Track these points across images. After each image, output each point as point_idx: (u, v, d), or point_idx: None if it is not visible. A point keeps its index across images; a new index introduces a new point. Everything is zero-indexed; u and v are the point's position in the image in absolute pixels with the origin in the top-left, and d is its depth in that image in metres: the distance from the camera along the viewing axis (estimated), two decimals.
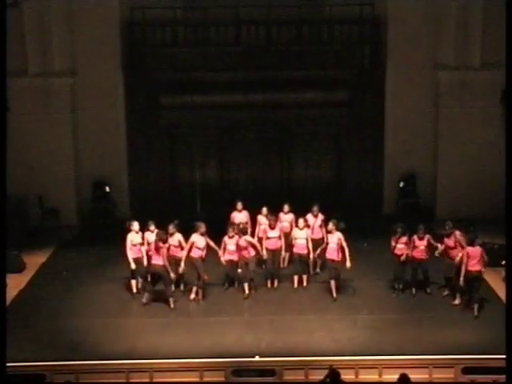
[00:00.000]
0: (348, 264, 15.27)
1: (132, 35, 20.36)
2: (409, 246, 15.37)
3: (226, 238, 15.62)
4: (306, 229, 15.73)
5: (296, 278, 15.96)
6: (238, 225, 15.91)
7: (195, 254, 15.36)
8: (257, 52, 19.96)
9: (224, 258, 15.62)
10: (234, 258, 15.64)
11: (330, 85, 20.42)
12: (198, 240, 15.38)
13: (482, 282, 14.93)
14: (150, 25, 20.18)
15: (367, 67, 20.40)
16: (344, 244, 15.32)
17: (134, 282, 15.64)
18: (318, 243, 15.83)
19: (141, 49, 20.25)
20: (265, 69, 20.04)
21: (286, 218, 16.53)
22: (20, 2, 19.48)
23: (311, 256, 15.73)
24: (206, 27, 20.09)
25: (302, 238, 15.68)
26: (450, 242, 15.32)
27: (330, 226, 15.44)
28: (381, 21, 20.42)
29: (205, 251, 15.47)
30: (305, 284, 15.93)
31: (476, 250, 14.52)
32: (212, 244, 15.61)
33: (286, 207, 16.59)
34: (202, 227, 15.43)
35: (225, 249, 15.60)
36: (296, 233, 15.78)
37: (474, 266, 14.43)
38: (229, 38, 20.18)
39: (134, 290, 15.64)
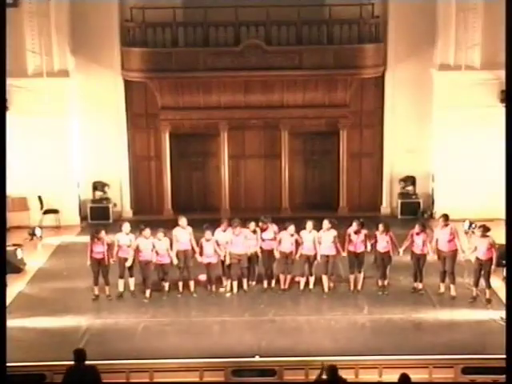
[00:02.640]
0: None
1: (132, 35, 20.37)
2: (393, 243, 15.53)
3: (203, 240, 15.53)
4: (313, 231, 15.56)
5: (303, 280, 15.82)
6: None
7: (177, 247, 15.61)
8: (257, 52, 19.95)
9: (203, 260, 15.61)
10: (213, 260, 15.58)
11: (330, 85, 20.45)
12: (179, 234, 15.58)
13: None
14: (150, 25, 20.18)
15: (367, 67, 20.38)
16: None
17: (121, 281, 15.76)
18: (359, 257, 15.64)
19: (141, 49, 20.24)
20: (265, 69, 20.04)
21: (309, 236, 15.61)
22: (20, 2, 19.55)
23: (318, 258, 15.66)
24: (206, 27, 20.10)
25: (309, 241, 15.55)
26: (444, 234, 15.37)
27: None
28: (381, 21, 20.44)
29: (188, 246, 15.64)
30: (311, 286, 15.79)
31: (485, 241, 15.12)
32: (193, 241, 15.70)
33: (292, 228, 15.65)
34: (182, 220, 15.62)
35: (202, 251, 15.57)
36: (303, 235, 15.59)
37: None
38: (229, 38, 20.19)
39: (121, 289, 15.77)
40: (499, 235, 15.52)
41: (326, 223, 15.62)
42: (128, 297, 15.65)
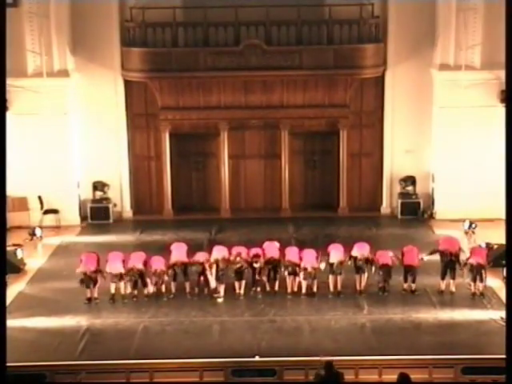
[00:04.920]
0: None
1: (132, 35, 20.37)
2: None
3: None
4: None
5: (305, 283, 15.70)
6: None
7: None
8: (257, 52, 19.94)
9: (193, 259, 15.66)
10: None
11: (330, 85, 20.45)
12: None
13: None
14: (150, 25, 20.19)
15: (367, 67, 20.38)
16: None
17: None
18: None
19: (141, 49, 20.24)
20: (265, 69, 20.03)
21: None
22: (20, 2, 19.56)
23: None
24: (206, 27, 20.10)
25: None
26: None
27: None
28: (381, 21, 20.46)
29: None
30: (315, 289, 15.67)
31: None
32: None
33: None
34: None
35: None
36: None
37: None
38: (229, 38, 20.19)
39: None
40: (499, 235, 15.54)
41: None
42: (127, 297, 15.65)
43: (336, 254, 15.61)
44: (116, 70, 20.65)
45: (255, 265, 15.51)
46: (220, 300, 15.53)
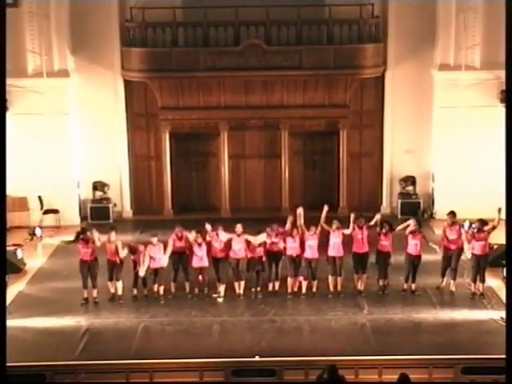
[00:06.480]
0: None
1: (132, 35, 20.37)
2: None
3: (196, 246, 15.45)
4: (316, 235, 15.50)
5: (305, 283, 15.71)
6: None
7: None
8: (257, 52, 19.95)
9: (194, 264, 15.58)
10: (204, 264, 15.55)
11: (330, 85, 20.45)
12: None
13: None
14: (150, 25, 20.19)
15: (367, 67, 20.39)
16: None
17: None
18: (364, 258, 15.60)
19: (141, 49, 20.24)
20: (265, 69, 20.03)
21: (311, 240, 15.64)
22: (20, 2, 19.56)
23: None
24: (206, 27, 20.10)
25: (313, 244, 15.53)
26: (452, 232, 15.59)
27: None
28: (381, 21, 20.46)
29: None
30: (314, 289, 15.66)
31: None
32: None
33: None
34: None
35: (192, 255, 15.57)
36: (307, 238, 15.53)
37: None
38: (228, 38, 20.20)
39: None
40: (499, 235, 15.53)
41: (335, 223, 15.61)
42: (127, 297, 15.63)
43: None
44: (116, 70, 20.67)
45: None
46: (220, 300, 15.54)
